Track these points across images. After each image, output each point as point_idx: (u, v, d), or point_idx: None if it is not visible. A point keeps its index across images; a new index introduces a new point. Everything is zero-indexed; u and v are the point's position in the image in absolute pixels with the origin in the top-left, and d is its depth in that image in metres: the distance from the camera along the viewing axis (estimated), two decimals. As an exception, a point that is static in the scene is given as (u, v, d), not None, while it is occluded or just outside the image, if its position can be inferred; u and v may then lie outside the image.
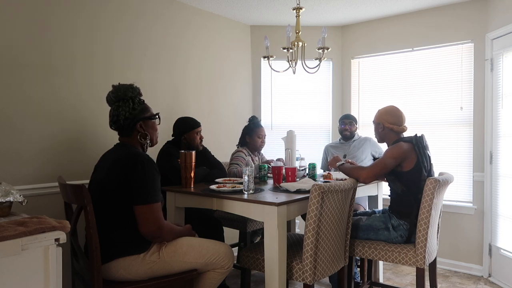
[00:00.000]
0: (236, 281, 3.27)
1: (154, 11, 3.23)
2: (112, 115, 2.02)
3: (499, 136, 3.26)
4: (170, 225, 2.01)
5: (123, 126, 2.01)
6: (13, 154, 2.38)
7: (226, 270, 2.06)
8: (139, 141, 2.04)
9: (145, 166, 1.86)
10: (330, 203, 2.07)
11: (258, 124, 3.31)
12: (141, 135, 2.04)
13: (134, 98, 2.03)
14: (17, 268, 1.31)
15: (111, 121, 2.03)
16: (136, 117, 2.01)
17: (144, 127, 2.05)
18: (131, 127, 2.02)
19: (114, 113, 2.01)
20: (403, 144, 2.38)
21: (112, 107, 2.03)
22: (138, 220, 1.85)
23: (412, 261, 2.28)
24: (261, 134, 3.27)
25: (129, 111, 1.99)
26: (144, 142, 2.05)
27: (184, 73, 3.51)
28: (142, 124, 2.04)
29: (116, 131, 2.07)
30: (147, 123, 2.06)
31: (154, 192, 1.87)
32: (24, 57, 2.43)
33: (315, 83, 4.30)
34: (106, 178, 1.90)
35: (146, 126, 2.06)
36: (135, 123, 2.01)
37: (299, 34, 2.84)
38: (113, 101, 2.03)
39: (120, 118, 1.99)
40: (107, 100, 2.06)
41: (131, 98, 2.02)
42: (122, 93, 2.00)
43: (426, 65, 3.78)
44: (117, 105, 2.01)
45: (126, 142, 2.05)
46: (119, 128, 2.03)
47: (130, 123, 2.00)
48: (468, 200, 3.57)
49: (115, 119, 2.01)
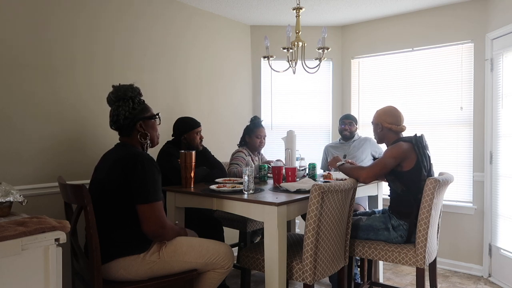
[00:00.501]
0: (236, 281, 3.27)
1: (154, 11, 3.23)
2: (112, 115, 2.03)
3: (499, 136, 3.26)
4: (171, 224, 2.02)
5: (123, 125, 2.01)
6: (13, 154, 2.38)
7: (226, 270, 2.07)
8: (139, 141, 2.04)
9: (145, 166, 1.86)
10: (330, 203, 2.07)
11: (258, 124, 3.29)
12: (141, 135, 2.04)
13: (134, 98, 2.04)
14: (17, 268, 1.31)
15: (111, 121, 2.04)
16: (136, 117, 2.02)
17: (144, 126, 2.05)
18: (131, 127, 2.02)
19: (114, 113, 2.01)
20: (403, 144, 2.38)
21: (112, 107, 2.04)
22: (141, 219, 1.85)
23: (412, 261, 2.28)
24: (260, 135, 3.26)
25: (129, 110, 2.00)
26: (144, 142, 2.05)
27: (184, 73, 3.51)
28: (142, 124, 2.04)
29: (117, 131, 2.07)
30: (147, 123, 2.06)
31: (155, 191, 1.87)
32: (24, 57, 2.43)
33: (315, 83, 4.30)
34: (106, 178, 1.90)
35: (146, 126, 2.06)
36: (135, 122, 2.02)
37: (299, 34, 2.84)
38: (113, 101, 2.04)
39: (120, 118, 1.99)
40: (108, 100, 2.07)
41: (131, 98, 2.02)
42: (122, 93, 2.01)
43: (426, 65, 3.78)
44: (117, 105, 2.01)
45: (126, 142, 2.05)
46: (119, 128, 2.04)
47: (130, 122, 2.01)
48: (468, 200, 3.57)
49: (115, 118, 2.01)
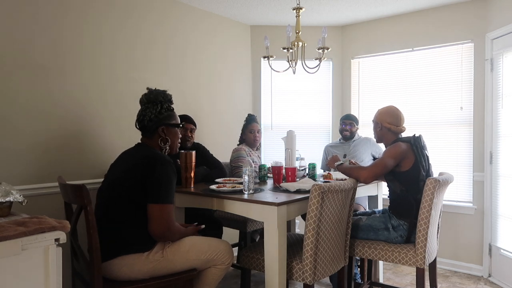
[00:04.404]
0: (236, 281, 3.28)
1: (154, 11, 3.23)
2: (138, 115, 2.11)
3: (499, 136, 3.26)
4: (178, 227, 2.05)
5: (147, 127, 2.09)
6: (13, 154, 2.38)
7: (226, 266, 2.11)
8: (159, 145, 2.10)
9: (164, 167, 1.92)
10: (330, 203, 2.07)
11: (250, 120, 3.38)
12: (161, 139, 2.10)
13: (163, 103, 2.11)
14: (17, 268, 1.31)
15: (137, 120, 2.12)
16: (160, 121, 2.09)
17: (166, 132, 2.11)
18: (153, 130, 2.08)
19: (141, 113, 2.10)
20: (401, 144, 2.38)
21: (142, 107, 2.12)
22: (150, 219, 1.88)
23: (412, 261, 2.28)
24: (253, 129, 3.33)
25: (155, 114, 2.08)
26: (164, 147, 2.11)
27: (184, 73, 3.51)
28: (164, 129, 2.10)
29: (140, 131, 2.14)
30: (169, 130, 2.12)
31: (168, 193, 1.92)
32: (25, 58, 2.43)
33: (315, 83, 4.30)
34: (123, 176, 1.94)
35: (168, 132, 2.12)
36: (157, 126, 2.08)
37: (299, 34, 2.84)
38: (144, 102, 2.12)
39: (145, 119, 2.08)
40: (140, 100, 2.15)
41: (160, 102, 2.10)
42: (154, 97, 2.10)
43: (426, 65, 3.78)
44: (146, 106, 2.10)
45: (146, 143, 2.11)
46: (143, 128, 2.11)
47: (153, 125, 2.08)
48: (468, 200, 3.56)
49: (140, 118, 2.10)
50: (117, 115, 2.92)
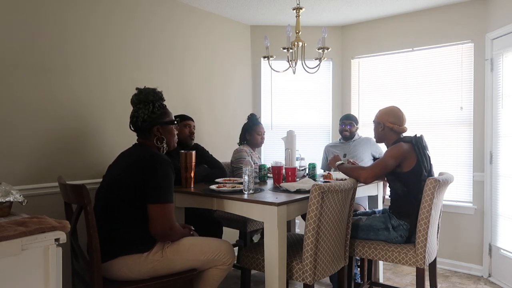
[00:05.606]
0: (236, 281, 3.28)
1: (152, 10, 3.23)
2: (131, 116, 2.08)
3: (499, 136, 3.26)
4: (179, 226, 2.05)
5: (141, 128, 2.06)
6: (13, 154, 2.38)
7: (227, 266, 2.09)
8: (156, 144, 2.08)
9: (163, 167, 1.91)
10: (330, 203, 2.07)
11: (257, 121, 3.36)
12: (157, 139, 2.08)
13: (155, 102, 2.08)
14: (17, 268, 1.31)
15: (131, 122, 2.09)
16: (154, 121, 2.06)
17: (162, 131, 2.09)
18: (148, 130, 2.06)
19: (133, 115, 2.07)
20: (403, 144, 2.38)
21: (134, 108, 2.09)
22: (152, 219, 1.88)
23: (412, 261, 2.28)
24: (261, 131, 3.34)
25: (148, 114, 2.05)
26: (161, 146, 2.10)
27: (184, 73, 3.51)
28: (159, 128, 2.08)
29: (135, 132, 2.12)
30: (164, 128, 2.10)
31: (167, 192, 1.91)
32: (25, 58, 2.43)
33: (315, 83, 4.29)
34: (122, 176, 1.94)
35: (164, 131, 2.10)
36: (152, 126, 2.06)
37: (299, 34, 2.84)
38: (135, 103, 2.09)
39: (138, 120, 2.05)
40: (131, 101, 2.12)
41: (152, 101, 2.07)
42: (144, 96, 2.06)
43: (426, 65, 3.78)
44: (138, 107, 2.07)
45: (143, 143, 2.09)
46: (137, 130, 2.09)
47: (147, 125, 2.05)
48: (468, 200, 3.56)
49: (134, 120, 2.07)
50: (118, 115, 2.92)
